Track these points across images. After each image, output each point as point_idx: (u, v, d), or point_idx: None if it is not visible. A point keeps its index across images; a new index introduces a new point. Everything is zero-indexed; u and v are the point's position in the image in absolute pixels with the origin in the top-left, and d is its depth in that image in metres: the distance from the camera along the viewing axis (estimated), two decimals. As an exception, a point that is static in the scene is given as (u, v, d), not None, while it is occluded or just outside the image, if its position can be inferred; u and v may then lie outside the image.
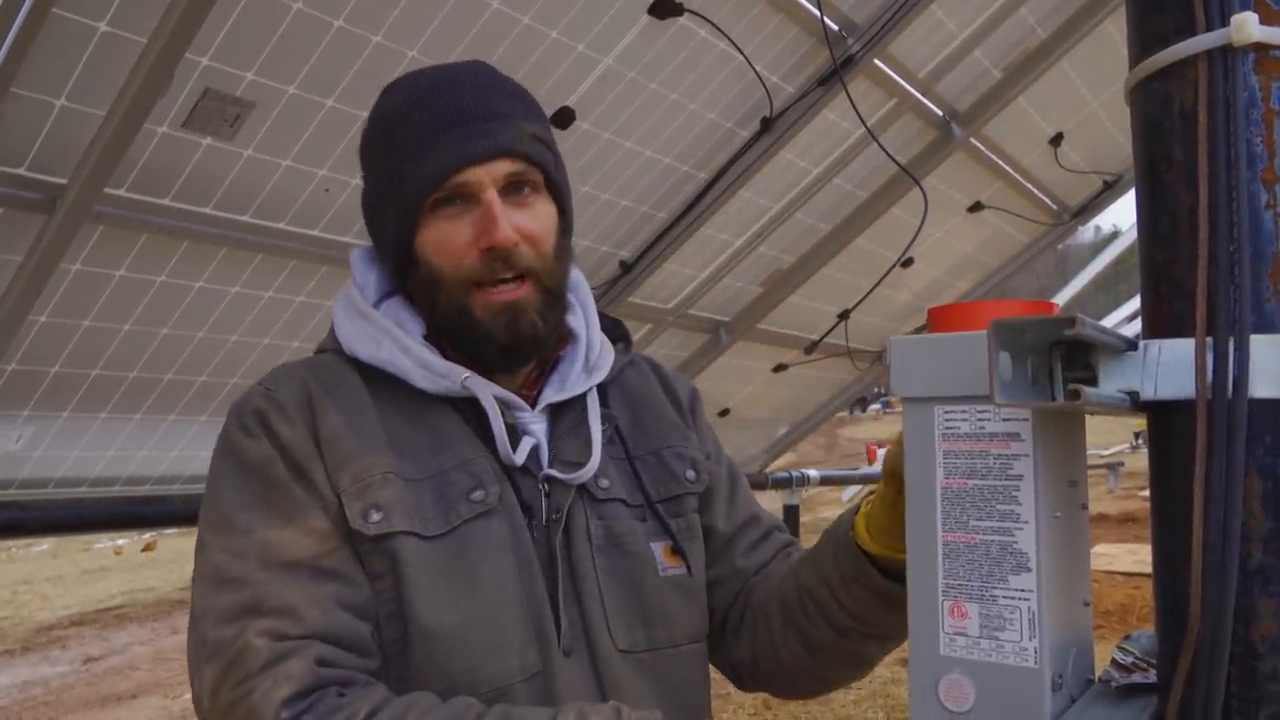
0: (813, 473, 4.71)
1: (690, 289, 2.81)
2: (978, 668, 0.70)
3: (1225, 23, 0.61)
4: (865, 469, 7.64)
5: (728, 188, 2.42)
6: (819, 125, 2.41)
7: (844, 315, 3.40)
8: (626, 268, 2.54)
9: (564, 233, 0.98)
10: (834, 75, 2.24)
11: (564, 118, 2.00)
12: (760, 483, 4.32)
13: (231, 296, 1.91)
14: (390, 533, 0.83)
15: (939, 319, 0.76)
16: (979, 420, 0.70)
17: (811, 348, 3.49)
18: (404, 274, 0.95)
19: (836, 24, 2.20)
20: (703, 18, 1.96)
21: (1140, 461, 13.60)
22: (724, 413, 3.66)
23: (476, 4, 1.67)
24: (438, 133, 0.89)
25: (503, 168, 0.89)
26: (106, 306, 1.75)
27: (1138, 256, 0.70)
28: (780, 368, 3.57)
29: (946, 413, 0.72)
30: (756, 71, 2.15)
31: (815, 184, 2.66)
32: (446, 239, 0.89)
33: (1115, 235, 4.97)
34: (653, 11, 1.89)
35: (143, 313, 1.81)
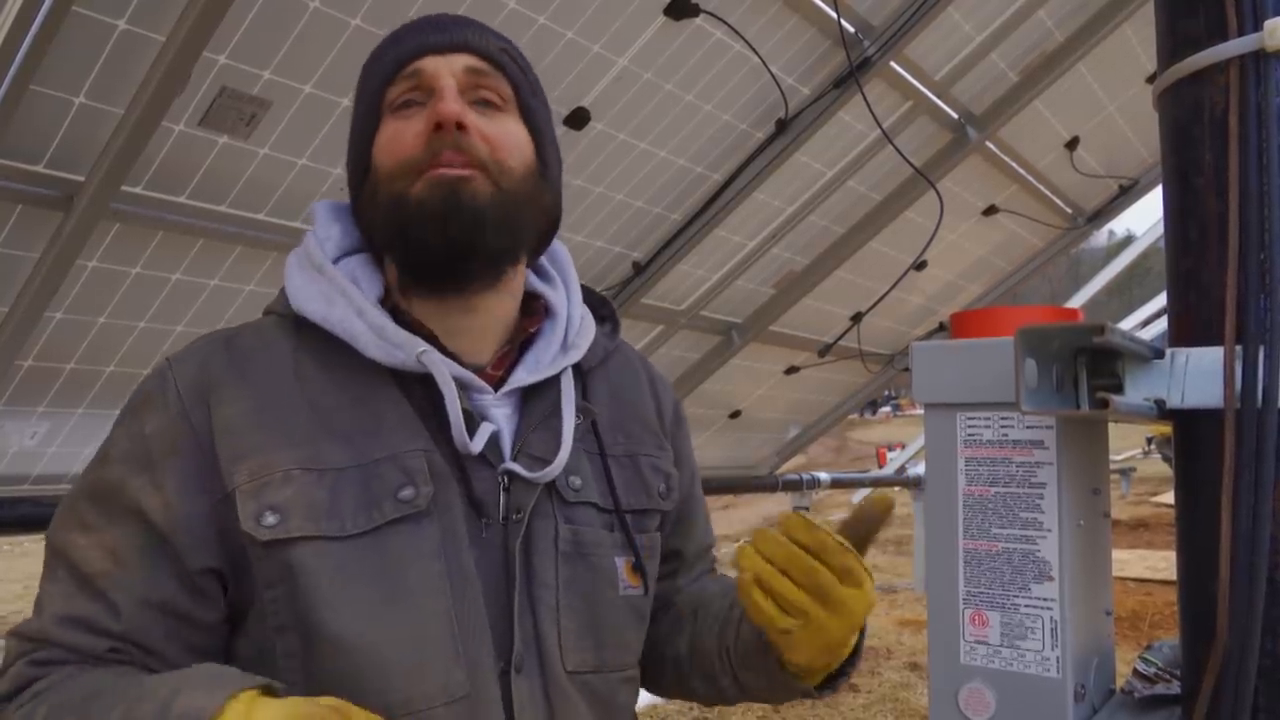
0: (823, 475, 4.70)
1: (703, 290, 2.80)
2: (998, 677, 0.69)
3: (1258, 27, 0.60)
4: (875, 472, 7.61)
5: (742, 189, 2.41)
6: (834, 127, 2.40)
7: (857, 318, 3.39)
8: (639, 269, 2.54)
9: (541, 174, 0.86)
10: (850, 77, 2.23)
11: (579, 118, 1.99)
12: (770, 485, 4.31)
13: (246, 294, 1.91)
14: (285, 538, 0.74)
15: (961, 325, 0.76)
16: (1002, 427, 0.70)
17: (825, 351, 3.48)
18: (362, 198, 0.85)
19: (853, 26, 2.19)
20: (719, 19, 1.95)
21: (1152, 467, 13.52)
22: (735, 414, 3.66)
23: (493, 3, 1.67)
24: (402, 36, 0.85)
25: (463, 60, 0.81)
26: (122, 304, 1.76)
27: (1156, 262, 0.69)
28: (792, 370, 3.56)
29: (969, 419, 0.71)
30: (772, 73, 2.14)
31: (829, 186, 2.65)
32: (398, 134, 0.81)
33: (1129, 240, 4.93)
34: (669, 12, 1.89)
35: (158, 310, 1.81)
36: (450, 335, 0.84)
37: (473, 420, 0.80)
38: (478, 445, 0.79)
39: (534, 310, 0.91)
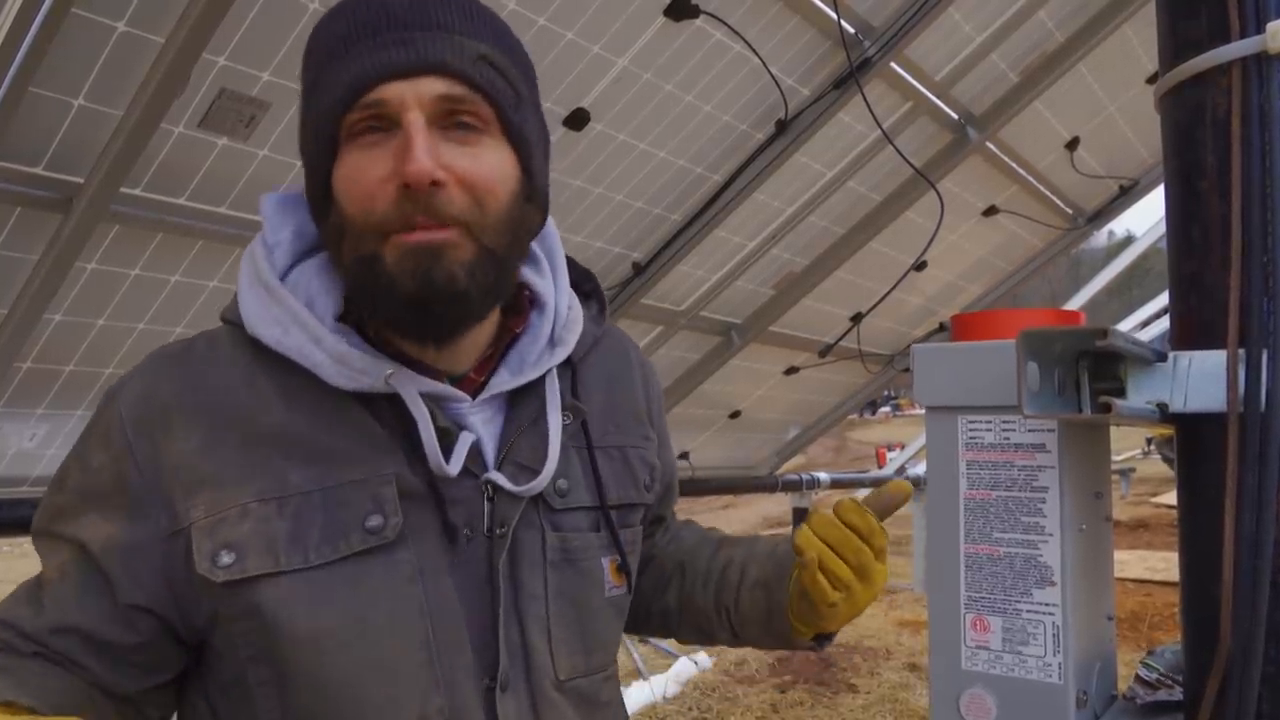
0: (823, 475, 4.70)
1: (703, 291, 2.80)
2: (1000, 682, 0.69)
3: (1260, 29, 0.60)
4: (875, 472, 7.60)
5: (742, 190, 2.41)
6: (834, 128, 2.40)
7: (857, 319, 3.39)
8: (639, 269, 2.54)
9: (526, 196, 0.76)
10: (850, 78, 2.22)
11: (579, 119, 1.99)
12: (770, 485, 4.31)
13: (245, 296, 1.91)
14: (241, 579, 0.71)
15: (962, 327, 0.75)
16: (1004, 430, 0.69)
17: (826, 351, 3.48)
18: (324, 225, 0.76)
19: (853, 26, 2.18)
20: (719, 19, 1.95)
21: (1152, 468, 13.51)
22: (735, 415, 3.65)
23: (493, 4, 1.67)
24: (353, 40, 0.70)
25: (432, 87, 0.69)
26: (121, 306, 1.75)
27: (1156, 263, 0.69)
28: (792, 370, 3.56)
29: (970, 423, 0.71)
30: (772, 74, 2.14)
31: (829, 187, 2.65)
32: (360, 173, 0.70)
33: (1129, 240, 4.93)
34: (669, 13, 1.89)
35: (157, 311, 1.81)
36: (425, 350, 0.79)
37: (450, 435, 0.76)
38: (455, 466, 0.75)
39: (520, 305, 0.84)
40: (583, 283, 0.93)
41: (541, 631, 0.80)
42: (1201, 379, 0.62)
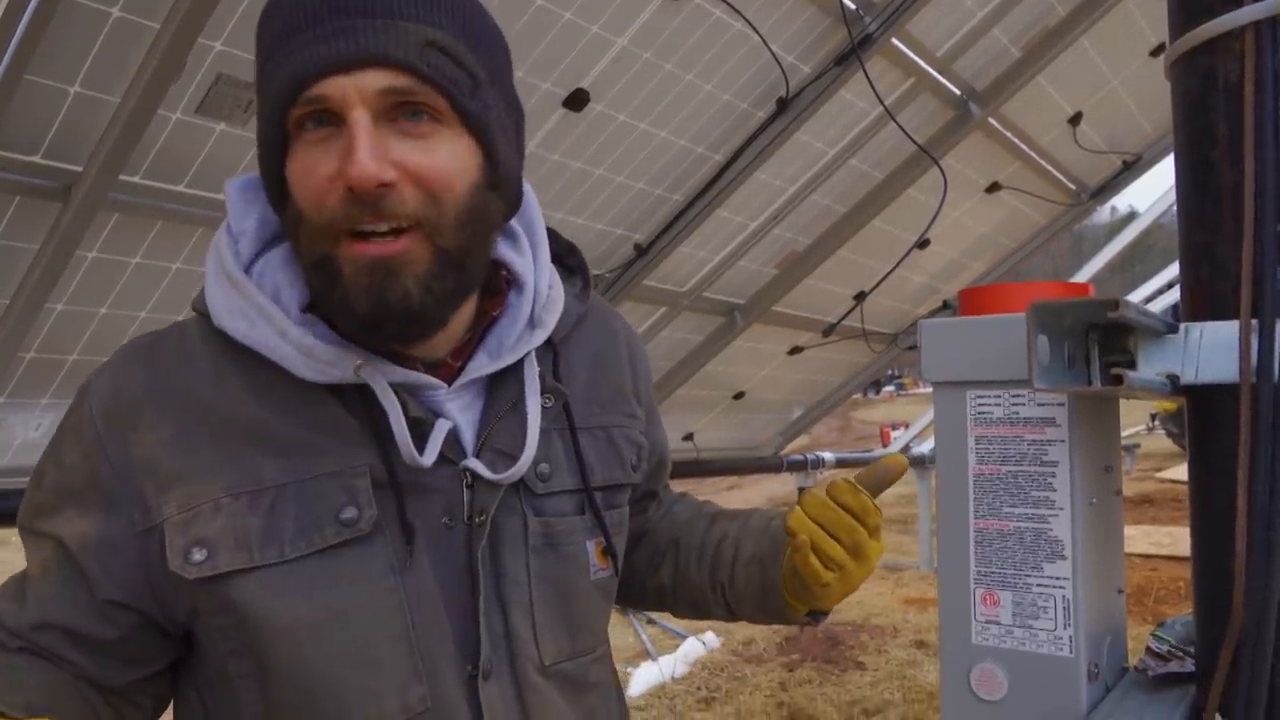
0: (827, 455, 4.70)
1: (705, 272, 2.79)
2: (1011, 656, 0.69)
3: (1273, -7, 0.59)
4: (879, 451, 7.60)
5: (743, 170, 2.40)
6: (835, 105, 2.38)
7: (860, 297, 3.38)
8: (641, 250, 2.53)
9: (490, 184, 0.73)
10: (851, 54, 2.21)
11: (578, 100, 1.98)
12: (775, 465, 4.31)
13: (247, 283, 1.91)
14: (214, 575, 0.71)
15: (970, 301, 0.75)
16: (1013, 405, 0.69)
17: (829, 330, 3.47)
18: (282, 216, 0.74)
19: (853, 2, 2.17)
20: (718, -3, 1.93)
21: (1157, 443, 13.51)
22: (739, 396, 3.65)
23: (490, -15, 1.65)
24: (295, 28, 0.67)
25: (376, 80, 0.66)
26: (123, 294, 1.75)
27: (1158, 238, 0.68)
28: (795, 350, 3.55)
29: (979, 398, 0.70)
30: (772, 51, 2.12)
31: (831, 165, 2.63)
32: (309, 171, 0.68)
33: (1132, 216, 4.92)
34: (668, -9, 1.87)
35: (159, 299, 1.81)
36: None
37: (424, 424, 0.74)
38: (430, 456, 0.73)
39: (497, 285, 0.81)
40: (566, 257, 0.91)
41: (525, 617, 0.79)
42: (1213, 350, 0.62)
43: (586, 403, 0.87)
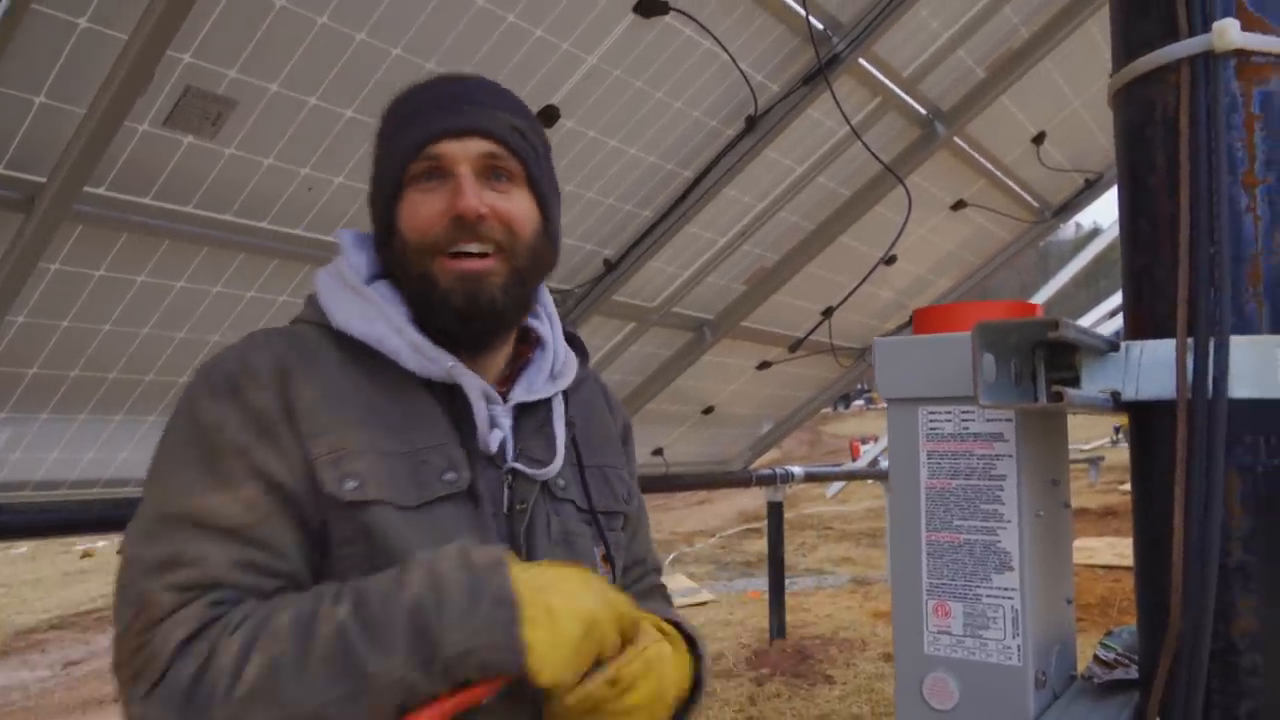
0: (796, 470, 4.73)
1: (674, 287, 2.81)
2: (961, 666, 0.70)
3: (1207, 29, 0.62)
4: (848, 465, 7.66)
5: (712, 186, 2.42)
6: (803, 124, 2.42)
7: (828, 313, 3.42)
8: (611, 266, 2.54)
9: (545, 233, 0.99)
10: (818, 74, 2.24)
11: (549, 116, 1.99)
12: (744, 480, 4.33)
13: (213, 296, 1.89)
14: (365, 500, 0.85)
15: (923, 320, 0.77)
16: (963, 421, 0.71)
17: (796, 346, 3.50)
18: (386, 251, 0.97)
19: (821, 23, 2.20)
20: (688, 16, 1.96)
21: (1121, 456, 13.72)
22: (708, 410, 3.67)
23: (461, 1, 1.67)
24: (424, 111, 0.94)
25: (478, 146, 0.92)
26: (86, 307, 1.74)
27: (1119, 257, 0.70)
28: (764, 365, 3.58)
29: (930, 414, 0.72)
30: (741, 70, 2.15)
31: (799, 182, 2.67)
32: (419, 209, 0.92)
33: (1096, 232, 5.01)
34: (638, 10, 1.89)
35: (123, 313, 1.79)
36: (465, 359, 0.97)
37: (487, 427, 0.93)
38: (494, 445, 0.93)
39: (527, 339, 1.05)
40: (570, 341, 1.12)
41: None
42: (1153, 367, 0.64)
43: (586, 445, 1.05)
